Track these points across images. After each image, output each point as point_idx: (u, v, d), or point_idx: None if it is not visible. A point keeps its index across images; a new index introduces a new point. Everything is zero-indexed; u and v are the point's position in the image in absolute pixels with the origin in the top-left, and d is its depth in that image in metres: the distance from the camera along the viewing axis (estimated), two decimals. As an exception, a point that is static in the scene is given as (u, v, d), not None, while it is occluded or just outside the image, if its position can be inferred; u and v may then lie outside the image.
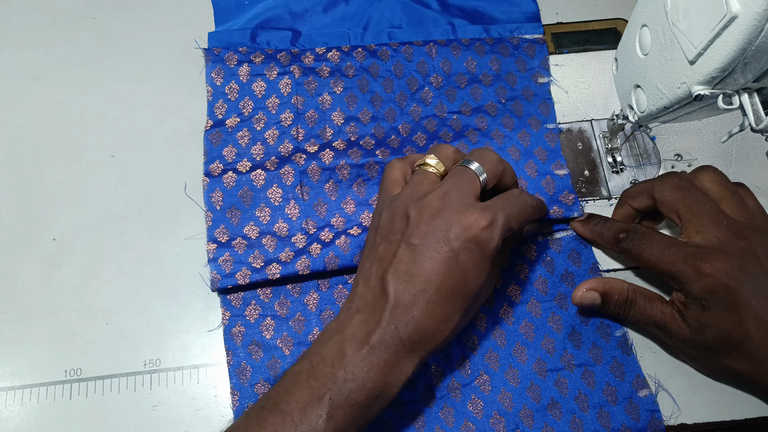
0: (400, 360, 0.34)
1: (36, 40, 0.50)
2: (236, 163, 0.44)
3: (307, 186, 0.44)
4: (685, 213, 0.38)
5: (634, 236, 0.40)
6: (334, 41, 0.49)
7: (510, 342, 0.41)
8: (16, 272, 0.42)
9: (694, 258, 0.36)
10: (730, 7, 0.29)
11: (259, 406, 0.33)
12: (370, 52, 0.48)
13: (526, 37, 0.50)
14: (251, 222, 0.43)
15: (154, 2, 0.51)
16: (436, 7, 0.52)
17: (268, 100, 0.46)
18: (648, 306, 0.39)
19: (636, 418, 0.39)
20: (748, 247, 0.36)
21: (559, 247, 0.44)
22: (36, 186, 0.45)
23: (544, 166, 0.46)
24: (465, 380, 0.40)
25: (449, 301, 0.34)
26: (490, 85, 0.48)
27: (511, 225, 0.36)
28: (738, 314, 0.35)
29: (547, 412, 0.39)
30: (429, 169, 0.38)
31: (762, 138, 0.47)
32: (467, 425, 0.39)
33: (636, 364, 0.41)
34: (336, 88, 0.47)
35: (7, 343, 0.40)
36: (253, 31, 0.49)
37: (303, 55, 0.48)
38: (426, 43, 0.49)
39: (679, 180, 0.39)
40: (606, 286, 0.40)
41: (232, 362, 0.40)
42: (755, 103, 0.33)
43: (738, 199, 0.39)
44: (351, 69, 0.48)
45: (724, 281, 0.35)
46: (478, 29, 0.50)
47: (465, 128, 0.47)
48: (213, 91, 0.46)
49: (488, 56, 0.49)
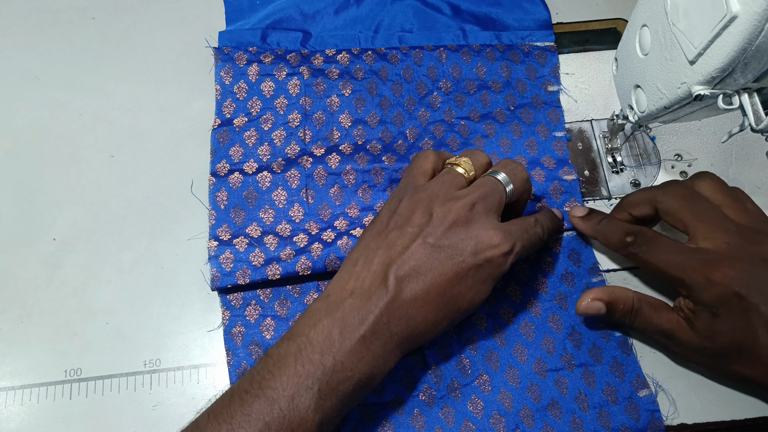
0: (387, 352, 0.33)
1: (36, 40, 0.50)
2: (243, 164, 0.44)
3: (312, 190, 0.44)
4: (692, 221, 0.38)
5: (641, 241, 0.39)
6: (344, 43, 0.49)
7: (510, 342, 0.41)
8: (16, 272, 0.42)
9: (704, 266, 0.36)
10: (730, 7, 0.29)
11: (242, 389, 0.32)
12: (380, 55, 0.48)
13: (537, 44, 0.50)
14: (254, 222, 0.43)
15: (154, 2, 0.52)
16: (448, 12, 0.51)
17: (276, 100, 0.46)
18: (654, 315, 0.39)
19: (636, 418, 0.39)
20: (759, 252, 0.36)
21: (558, 246, 0.44)
22: (36, 186, 0.45)
23: (552, 173, 0.46)
24: (465, 380, 0.40)
25: (446, 308, 0.34)
26: (499, 92, 0.48)
27: (522, 254, 0.37)
28: (748, 321, 0.35)
29: (547, 412, 0.39)
30: (459, 170, 0.38)
31: (762, 138, 0.47)
32: (467, 425, 0.39)
33: (636, 364, 0.41)
34: (345, 91, 0.47)
35: (7, 343, 0.40)
36: (264, 31, 0.49)
37: (313, 57, 0.48)
38: (437, 48, 0.49)
39: (683, 189, 0.39)
40: (611, 296, 0.39)
41: (232, 362, 0.40)
42: (755, 103, 0.33)
43: (740, 204, 0.39)
44: (360, 72, 0.48)
45: (735, 289, 0.35)
46: (490, 35, 0.50)
47: (473, 134, 0.47)
48: (221, 90, 0.46)
49: (498, 63, 0.49)
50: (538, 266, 0.43)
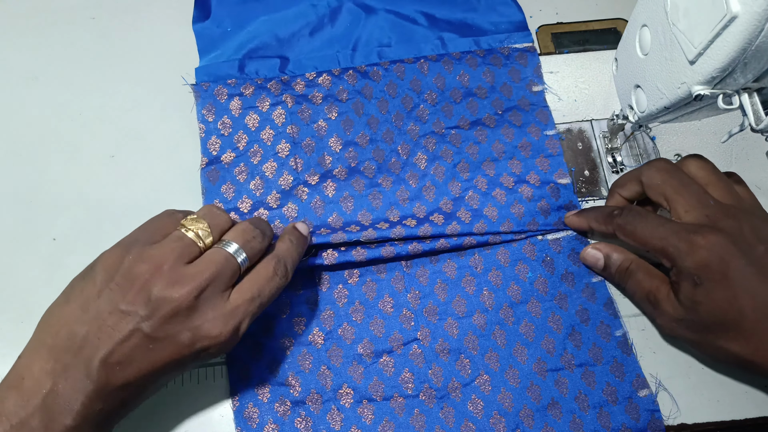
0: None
1: (36, 40, 0.50)
2: (236, 201, 0.44)
3: (311, 220, 0.44)
4: (672, 194, 0.38)
5: (627, 213, 0.39)
6: (323, 65, 0.49)
7: (510, 342, 0.41)
8: (16, 272, 0.42)
9: (688, 232, 0.36)
10: (730, 7, 0.29)
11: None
12: (361, 73, 0.48)
13: (516, 46, 0.50)
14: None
15: (154, 2, 0.52)
16: (424, 23, 0.51)
17: (262, 132, 0.46)
18: (646, 279, 0.39)
19: (636, 418, 0.39)
20: (737, 225, 0.36)
21: (558, 247, 0.44)
22: (36, 186, 0.45)
23: (546, 176, 0.46)
24: (465, 380, 0.40)
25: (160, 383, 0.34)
26: (485, 97, 0.48)
27: (257, 314, 0.34)
28: (731, 291, 0.35)
29: (547, 412, 0.39)
30: (192, 236, 0.34)
31: (762, 138, 0.47)
32: (467, 425, 0.39)
33: (636, 364, 0.41)
34: (331, 114, 0.47)
35: (8, 343, 0.40)
36: (241, 61, 0.48)
37: (294, 82, 0.47)
38: (417, 59, 0.49)
39: (666, 163, 0.39)
40: (611, 251, 0.41)
41: (231, 362, 0.40)
42: (755, 103, 0.33)
43: (725, 184, 0.39)
44: (344, 93, 0.47)
45: (719, 253, 0.35)
46: (468, 42, 0.50)
47: (465, 142, 0.46)
48: (205, 128, 0.45)
49: (481, 68, 0.49)
50: (538, 266, 0.43)
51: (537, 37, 0.52)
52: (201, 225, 0.35)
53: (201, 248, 0.34)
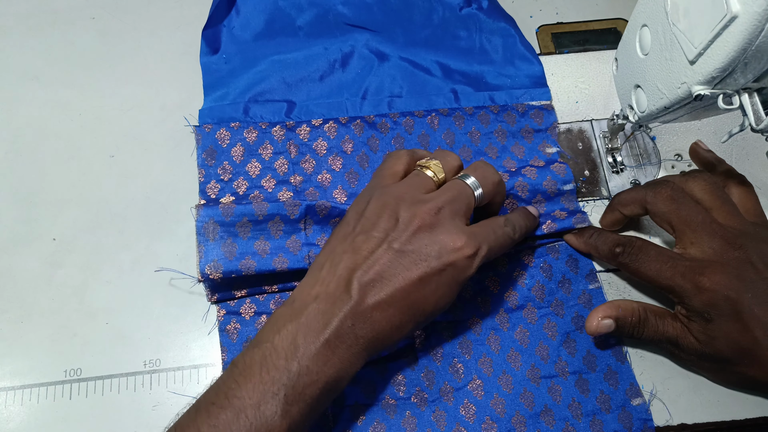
0: (353, 356, 0.33)
1: (36, 40, 0.50)
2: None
3: (316, 254, 0.41)
4: (679, 225, 0.38)
5: (630, 251, 0.39)
6: (331, 112, 0.47)
7: (504, 347, 0.41)
8: (16, 272, 0.42)
9: (692, 272, 0.36)
10: (730, 7, 0.29)
11: (209, 401, 0.31)
12: (369, 123, 0.46)
13: (533, 103, 0.48)
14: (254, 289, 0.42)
15: (154, 2, 0.52)
16: (438, 73, 0.49)
17: (263, 179, 0.44)
18: (660, 323, 0.39)
19: (629, 427, 0.39)
20: (743, 256, 0.36)
21: (556, 253, 0.44)
22: (36, 186, 0.45)
23: (563, 223, 0.43)
24: (458, 384, 0.40)
25: (411, 311, 0.34)
26: (496, 158, 0.46)
27: (490, 256, 0.36)
28: (742, 323, 0.35)
29: (540, 419, 0.39)
30: (428, 173, 0.38)
31: (762, 138, 0.47)
32: (459, 429, 0.38)
33: (630, 373, 0.40)
34: (335, 165, 0.45)
35: (7, 343, 0.40)
36: (246, 105, 0.47)
37: (298, 128, 0.46)
38: (428, 112, 0.47)
39: (672, 191, 0.39)
40: (618, 311, 0.39)
41: (226, 359, 0.40)
42: (755, 103, 0.33)
43: (730, 207, 0.39)
44: (349, 144, 0.46)
45: (724, 293, 0.35)
46: (483, 96, 0.48)
47: None
48: (205, 173, 0.44)
49: (493, 125, 0.47)
50: (536, 272, 0.43)
51: (537, 37, 0.52)
52: (435, 163, 0.38)
53: (437, 182, 0.38)
